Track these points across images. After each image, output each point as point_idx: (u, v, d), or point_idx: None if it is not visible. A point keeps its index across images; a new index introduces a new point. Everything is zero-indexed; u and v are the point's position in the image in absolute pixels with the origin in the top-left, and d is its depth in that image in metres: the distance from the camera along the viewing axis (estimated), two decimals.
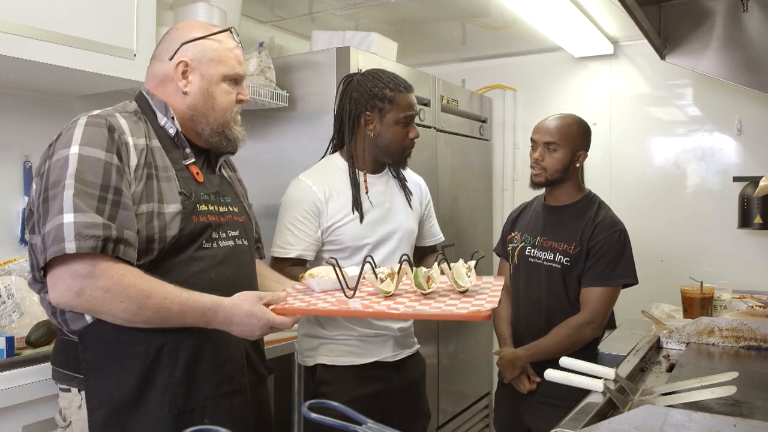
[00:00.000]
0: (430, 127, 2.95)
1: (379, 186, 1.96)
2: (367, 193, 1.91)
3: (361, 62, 2.46)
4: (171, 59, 1.42)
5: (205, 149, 1.50)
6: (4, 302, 1.85)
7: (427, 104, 2.92)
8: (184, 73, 1.41)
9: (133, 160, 1.31)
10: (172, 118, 1.41)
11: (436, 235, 2.18)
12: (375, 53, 2.62)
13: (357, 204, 1.88)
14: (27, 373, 1.57)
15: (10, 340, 1.65)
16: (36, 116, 2.17)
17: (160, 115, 1.42)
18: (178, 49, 1.42)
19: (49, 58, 1.76)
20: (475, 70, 3.77)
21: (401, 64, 2.77)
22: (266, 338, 2.14)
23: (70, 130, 1.28)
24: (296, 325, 2.05)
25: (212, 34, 1.44)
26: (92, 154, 1.25)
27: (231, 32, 1.47)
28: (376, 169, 1.97)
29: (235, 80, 1.47)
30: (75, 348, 1.31)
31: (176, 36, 1.45)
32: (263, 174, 2.63)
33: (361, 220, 1.88)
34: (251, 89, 2.39)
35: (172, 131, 1.41)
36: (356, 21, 3.08)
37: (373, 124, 1.89)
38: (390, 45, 2.81)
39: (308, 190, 1.87)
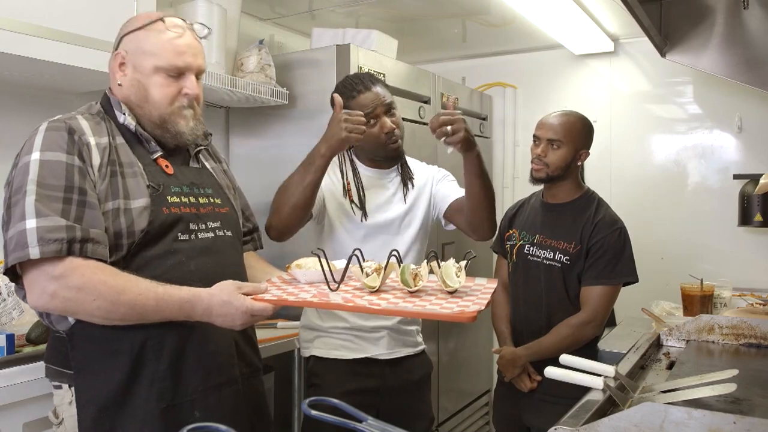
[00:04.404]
0: None
1: (377, 180, 1.96)
2: (348, 184, 1.92)
3: (361, 60, 2.46)
4: (115, 51, 1.42)
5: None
6: (4, 300, 1.85)
7: (427, 102, 2.92)
8: (121, 65, 1.40)
9: (96, 160, 1.30)
10: (128, 114, 1.40)
11: (456, 191, 2.01)
12: (375, 51, 2.61)
13: (349, 192, 1.90)
14: (27, 371, 1.58)
15: (10, 338, 1.65)
16: (36, 114, 2.15)
17: (118, 113, 1.40)
18: (120, 41, 1.41)
19: (48, 56, 1.76)
20: (476, 68, 3.77)
21: (401, 62, 2.77)
22: (268, 334, 2.17)
23: (32, 138, 1.29)
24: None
25: (148, 24, 1.39)
26: (53, 158, 1.25)
27: (164, 21, 1.39)
28: (380, 165, 1.97)
29: (177, 73, 1.39)
30: (65, 344, 1.31)
31: (122, 28, 1.44)
32: (263, 171, 2.64)
33: (350, 204, 1.89)
34: (252, 86, 2.39)
35: (131, 127, 1.40)
36: (356, 18, 3.08)
37: None
38: (390, 42, 2.81)
39: None
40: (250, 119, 2.72)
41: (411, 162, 2.08)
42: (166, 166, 1.42)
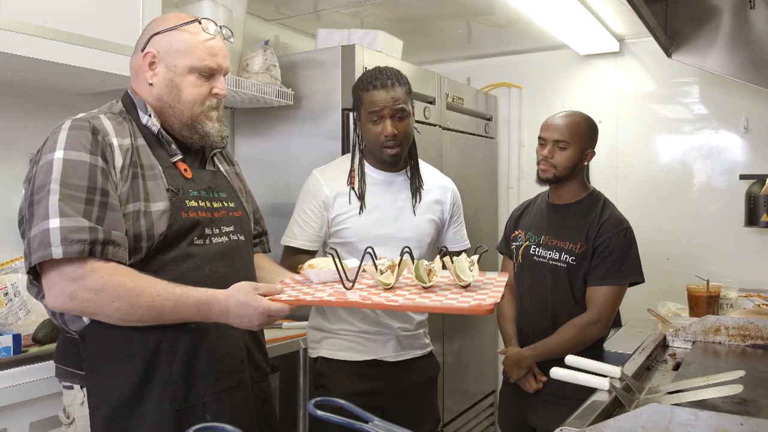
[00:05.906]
0: (435, 125, 2.95)
1: (385, 185, 1.96)
2: (352, 185, 1.93)
3: (366, 60, 2.46)
4: (143, 50, 1.41)
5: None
6: (11, 300, 1.86)
7: (432, 102, 2.92)
8: (151, 64, 1.40)
9: (119, 161, 1.31)
10: (153, 116, 1.41)
11: (460, 242, 2.14)
12: (380, 51, 2.61)
13: (359, 196, 1.91)
14: (34, 371, 1.58)
15: (17, 338, 1.66)
16: (42, 114, 2.17)
17: (141, 114, 1.41)
18: (149, 40, 1.41)
19: (54, 56, 1.77)
20: (480, 68, 3.77)
21: (406, 62, 2.77)
22: (273, 334, 2.17)
23: (55, 135, 1.29)
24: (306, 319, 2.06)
25: (183, 24, 1.41)
26: (77, 157, 1.25)
27: (200, 23, 1.42)
28: (385, 168, 1.97)
29: (209, 74, 1.42)
30: (77, 344, 1.32)
31: (150, 28, 1.44)
32: (268, 172, 2.64)
33: (361, 210, 1.90)
34: (257, 87, 2.39)
35: (154, 129, 1.40)
36: (361, 19, 3.08)
37: (359, 123, 1.94)
38: (395, 43, 2.81)
39: (317, 185, 1.94)
40: (255, 120, 2.73)
41: (425, 168, 2.07)
42: (185, 169, 1.42)
